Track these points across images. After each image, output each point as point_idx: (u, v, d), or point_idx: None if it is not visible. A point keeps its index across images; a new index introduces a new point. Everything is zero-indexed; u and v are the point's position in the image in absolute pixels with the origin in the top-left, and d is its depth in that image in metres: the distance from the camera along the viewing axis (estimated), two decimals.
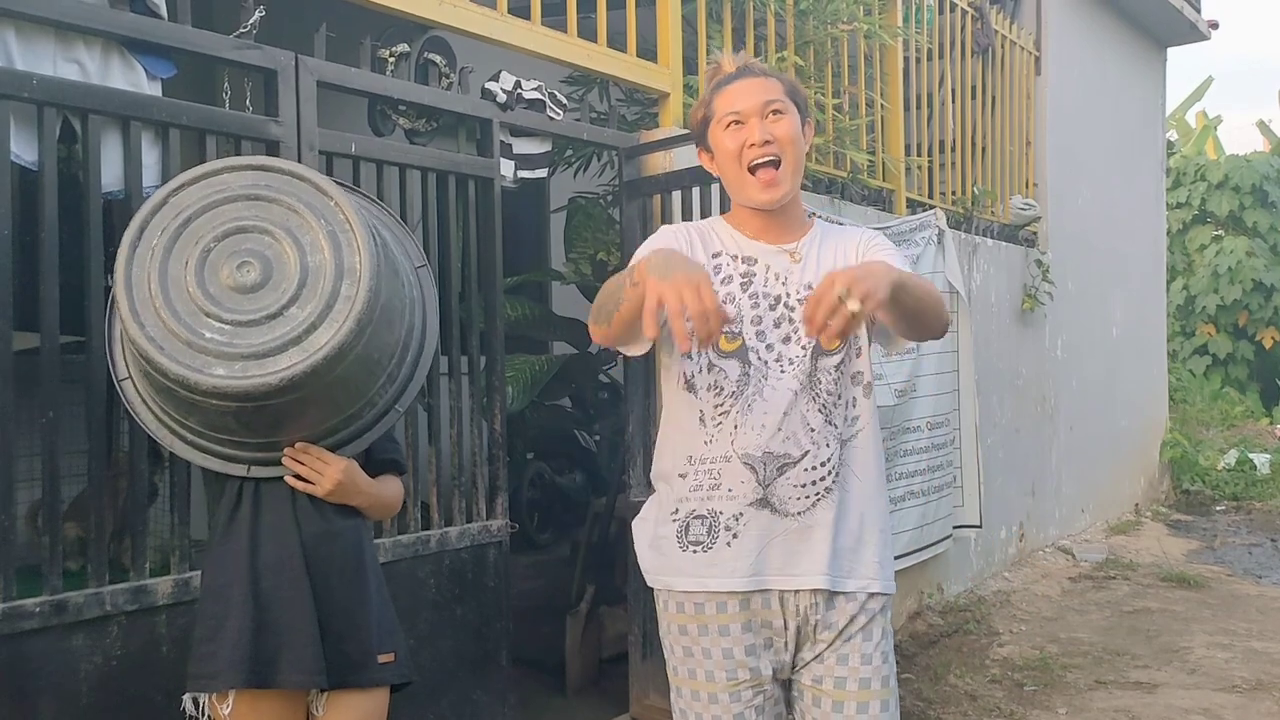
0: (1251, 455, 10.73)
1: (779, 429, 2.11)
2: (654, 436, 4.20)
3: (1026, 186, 7.46)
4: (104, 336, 2.33)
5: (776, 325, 2.14)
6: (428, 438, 3.51)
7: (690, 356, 2.14)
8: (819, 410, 2.12)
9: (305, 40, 3.13)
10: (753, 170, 2.13)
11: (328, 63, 3.16)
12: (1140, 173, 9.31)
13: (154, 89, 2.78)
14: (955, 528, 5.85)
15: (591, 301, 2.20)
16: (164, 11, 2.78)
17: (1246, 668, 5.09)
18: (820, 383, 2.13)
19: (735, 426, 2.12)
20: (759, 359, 2.13)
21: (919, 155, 6.20)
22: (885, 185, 5.74)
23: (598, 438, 6.80)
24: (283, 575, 2.18)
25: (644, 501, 4.41)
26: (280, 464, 2.19)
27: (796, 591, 2.12)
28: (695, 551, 2.14)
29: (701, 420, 2.15)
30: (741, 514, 2.11)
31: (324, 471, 2.19)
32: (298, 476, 2.20)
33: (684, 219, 4.03)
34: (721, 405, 2.14)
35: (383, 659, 2.27)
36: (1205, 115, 17.05)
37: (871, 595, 2.16)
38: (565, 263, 5.72)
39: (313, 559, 2.20)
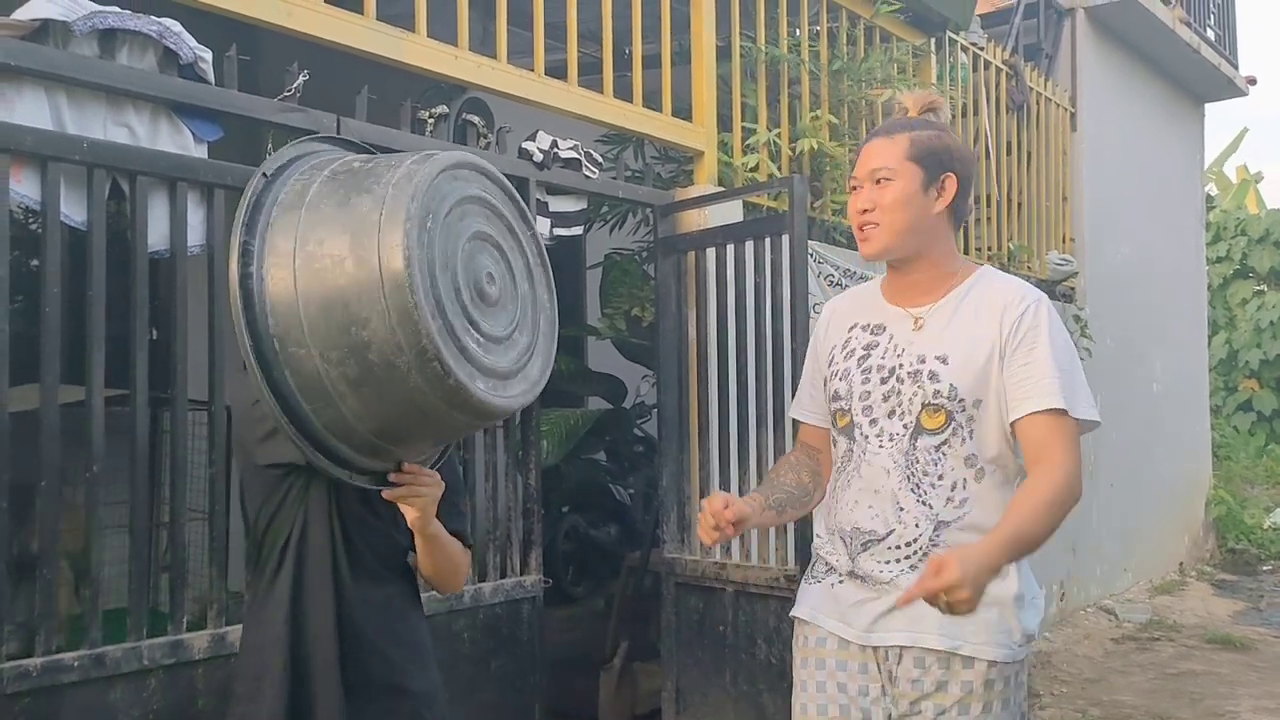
0: None
1: (869, 506, 2.15)
2: (688, 491, 4.22)
3: (1063, 242, 7.43)
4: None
5: (885, 399, 2.16)
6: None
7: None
8: (911, 490, 2.12)
9: (347, 102, 3.21)
10: (862, 230, 2.21)
11: (369, 124, 3.23)
12: (1179, 227, 9.25)
13: (200, 151, 2.85)
14: None
15: (627, 356, 2.27)
16: (211, 76, 2.87)
17: None
18: (918, 462, 2.12)
19: (838, 500, 2.21)
20: (861, 434, 2.18)
21: None
22: None
23: (632, 491, 6.79)
24: (320, 643, 2.11)
25: (678, 556, 4.39)
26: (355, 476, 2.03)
27: (889, 648, 2.15)
28: (811, 582, 2.29)
29: (830, 492, 2.29)
30: (842, 580, 2.21)
31: (428, 483, 2.08)
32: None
33: (718, 276, 4.06)
34: (836, 479, 2.25)
35: None
36: (1246, 169, 16.94)
37: (970, 663, 2.09)
38: (601, 318, 5.75)
39: (353, 625, 2.13)
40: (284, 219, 1.86)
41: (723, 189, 4.43)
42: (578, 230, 4.02)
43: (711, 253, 4.13)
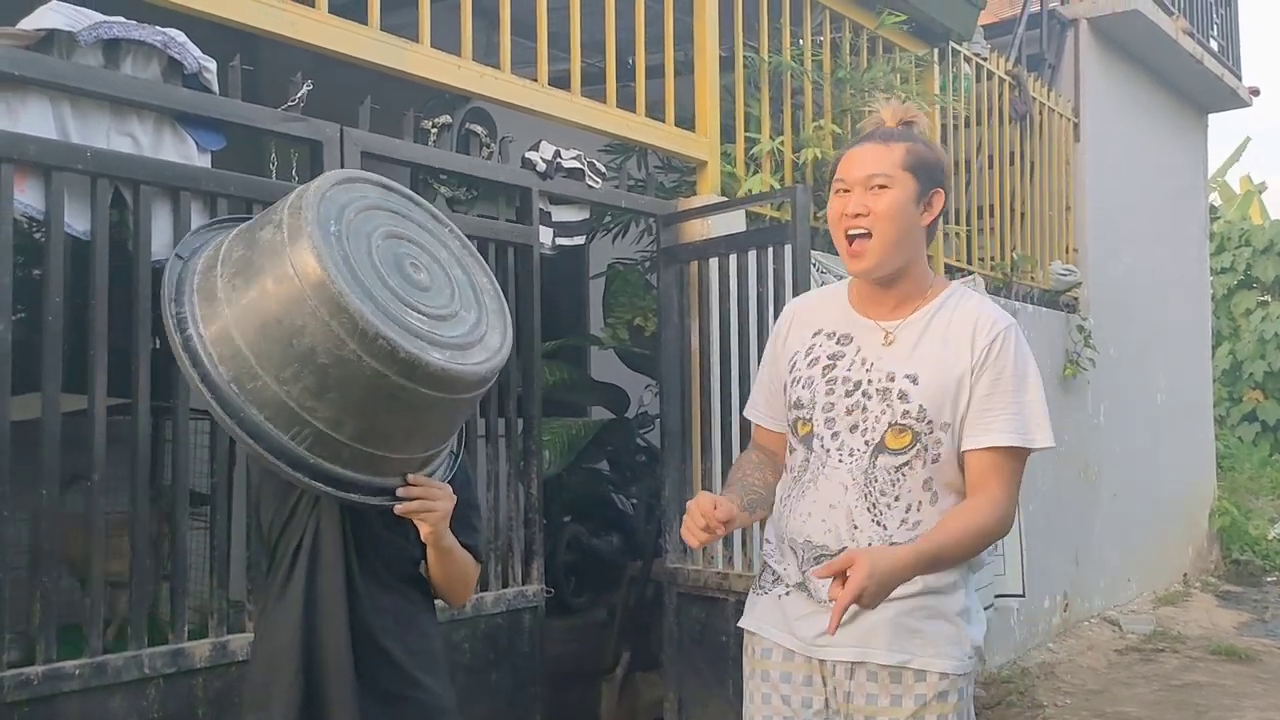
0: None
1: (823, 520, 2.12)
2: (690, 501, 4.21)
3: (1066, 252, 7.43)
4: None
5: (848, 413, 2.12)
6: None
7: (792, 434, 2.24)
8: (867, 509, 2.09)
9: (350, 112, 3.22)
10: (849, 240, 2.15)
11: (372, 134, 3.24)
12: (1183, 238, 9.25)
13: (203, 160, 2.86)
14: (997, 596, 5.75)
15: (629, 365, 2.28)
16: (215, 86, 2.88)
17: None
18: (876, 481, 2.09)
19: (791, 510, 2.17)
20: (822, 446, 2.14)
21: (957, 221, 6.22)
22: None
23: (634, 501, 6.78)
24: (334, 650, 2.09)
25: (680, 566, 4.37)
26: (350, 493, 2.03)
27: (836, 663, 2.12)
28: (759, 593, 2.25)
29: (781, 500, 2.23)
30: (789, 592, 2.19)
31: (439, 496, 2.09)
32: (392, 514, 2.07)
33: (720, 286, 4.07)
34: (790, 488, 2.20)
35: None
36: (1250, 180, 16.91)
37: (922, 676, 2.07)
38: (603, 328, 5.75)
39: (366, 632, 2.11)
40: (205, 280, 1.96)
41: (725, 199, 4.43)
42: (580, 240, 4.03)
43: (714, 262, 4.13)
